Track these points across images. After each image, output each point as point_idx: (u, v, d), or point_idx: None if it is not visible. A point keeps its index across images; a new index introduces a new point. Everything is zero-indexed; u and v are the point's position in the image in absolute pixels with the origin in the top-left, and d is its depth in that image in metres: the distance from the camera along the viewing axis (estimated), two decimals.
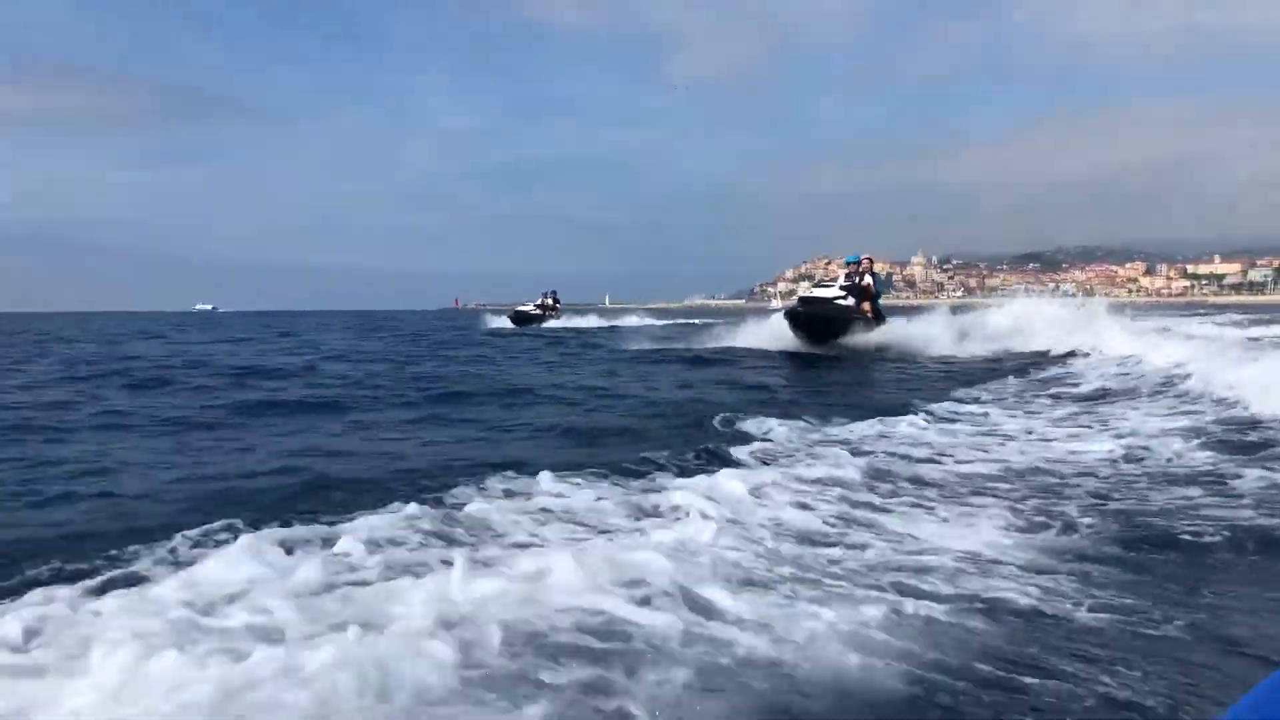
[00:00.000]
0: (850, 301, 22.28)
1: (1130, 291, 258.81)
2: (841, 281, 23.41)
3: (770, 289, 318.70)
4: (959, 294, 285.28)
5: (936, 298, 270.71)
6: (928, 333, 22.30)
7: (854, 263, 24.01)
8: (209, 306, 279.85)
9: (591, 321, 51.78)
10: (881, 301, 25.31)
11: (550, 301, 52.85)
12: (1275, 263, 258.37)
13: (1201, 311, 58.64)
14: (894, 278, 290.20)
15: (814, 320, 21.61)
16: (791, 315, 21.96)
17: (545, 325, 48.46)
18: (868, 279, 23.46)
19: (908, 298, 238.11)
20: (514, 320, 50.18)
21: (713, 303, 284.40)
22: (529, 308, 51.88)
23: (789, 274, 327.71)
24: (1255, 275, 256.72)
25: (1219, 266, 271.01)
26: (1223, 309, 78.71)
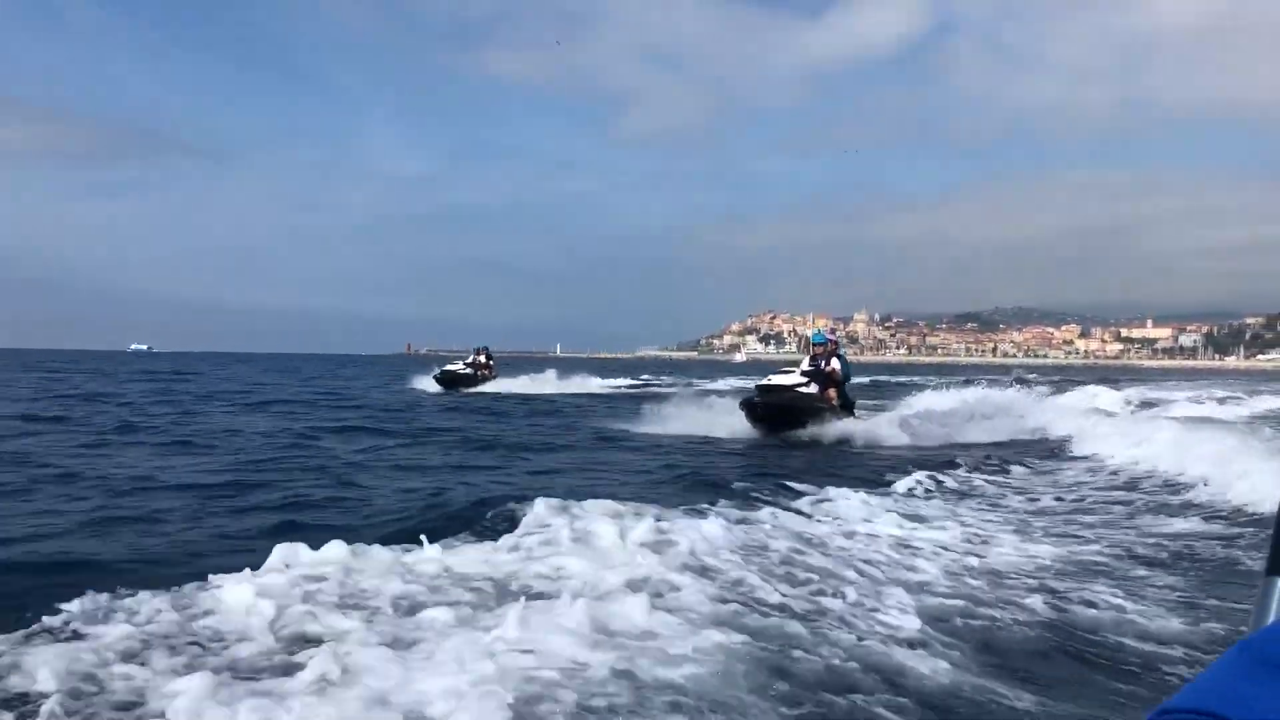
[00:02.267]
0: (814, 389, 20.32)
1: (1066, 354, 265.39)
2: (805, 365, 21.39)
3: (717, 341, 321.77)
4: (902, 351, 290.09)
5: (880, 355, 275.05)
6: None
7: (820, 344, 21.95)
8: (144, 347, 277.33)
9: (547, 385, 46.16)
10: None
11: (483, 359, 45.74)
12: (1204, 328, 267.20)
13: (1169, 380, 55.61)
14: (837, 334, 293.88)
15: (772, 410, 19.85)
16: (748, 405, 20.25)
17: (485, 389, 42.73)
18: (834, 363, 21.19)
19: (853, 354, 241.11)
20: (441, 382, 43.37)
21: (665, 354, 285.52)
22: (458, 366, 45.10)
23: (735, 327, 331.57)
24: (1186, 340, 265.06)
25: (1151, 331, 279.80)
26: (1167, 373, 79.98)
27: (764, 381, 21.20)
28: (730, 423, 20.68)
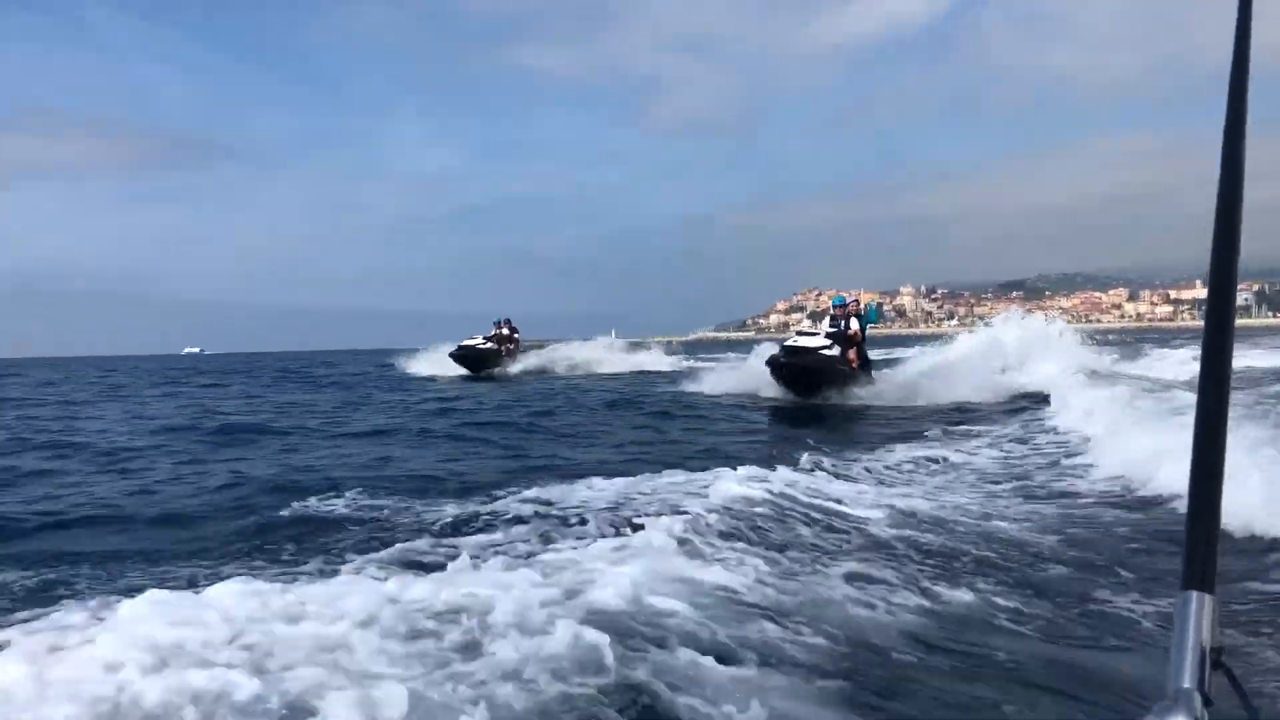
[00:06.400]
0: (836, 352, 20.54)
1: (1119, 317, 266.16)
2: (827, 328, 21.75)
3: (763, 320, 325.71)
4: (953, 323, 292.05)
5: (933, 327, 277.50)
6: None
7: (840, 305, 22.28)
8: (197, 349, 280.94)
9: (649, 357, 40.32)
10: (881, 330, 23.62)
11: (506, 331, 39.54)
12: (1255, 286, 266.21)
13: None
14: (885, 307, 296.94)
15: (795, 371, 20.16)
16: (774, 365, 20.54)
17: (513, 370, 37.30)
18: (854, 325, 21.60)
19: (900, 327, 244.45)
20: (460, 361, 37.34)
21: (723, 335, 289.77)
22: (478, 341, 38.33)
23: (780, 306, 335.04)
24: (1237, 299, 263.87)
25: (1200, 291, 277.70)
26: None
27: (790, 343, 21.19)
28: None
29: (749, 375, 23.13)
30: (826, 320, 22.22)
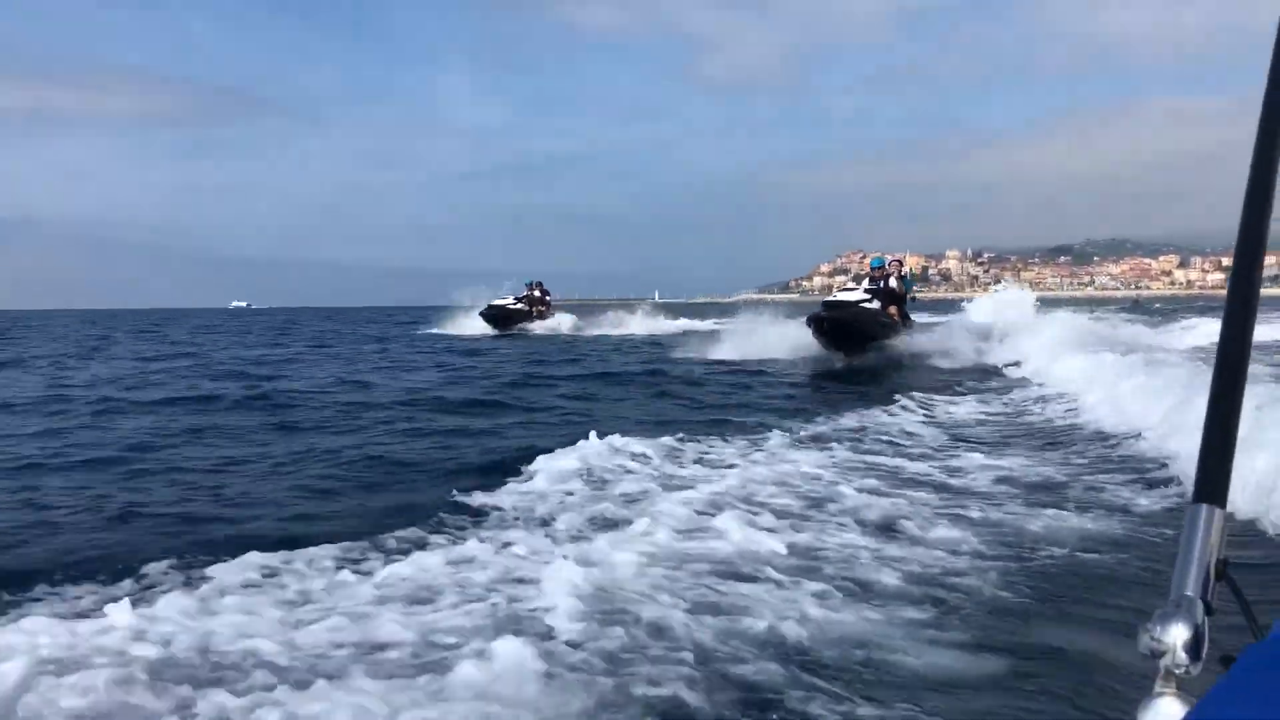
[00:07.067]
0: (876, 305, 20.80)
1: (1169, 284, 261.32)
2: (866, 285, 21.98)
3: (806, 283, 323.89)
4: (999, 287, 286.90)
5: (985, 292, 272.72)
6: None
7: (878, 267, 22.40)
8: (243, 303, 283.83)
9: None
10: (920, 294, 24.84)
11: (537, 294, 41.43)
12: None
13: None
14: (930, 271, 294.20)
15: (838, 326, 19.97)
16: (815, 321, 20.31)
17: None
18: (894, 281, 21.96)
19: (945, 291, 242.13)
20: (489, 319, 38.88)
21: (767, 297, 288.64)
22: (509, 301, 40.39)
23: (824, 268, 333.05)
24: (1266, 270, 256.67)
25: None
26: None
27: (830, 298, 21.36)
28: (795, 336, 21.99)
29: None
30: (865, 281, 22.48)
